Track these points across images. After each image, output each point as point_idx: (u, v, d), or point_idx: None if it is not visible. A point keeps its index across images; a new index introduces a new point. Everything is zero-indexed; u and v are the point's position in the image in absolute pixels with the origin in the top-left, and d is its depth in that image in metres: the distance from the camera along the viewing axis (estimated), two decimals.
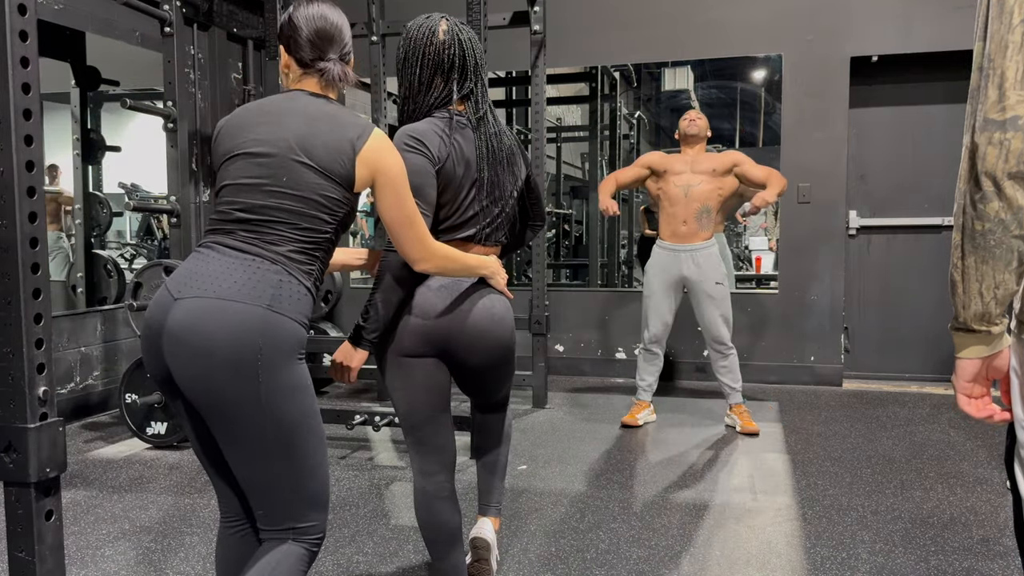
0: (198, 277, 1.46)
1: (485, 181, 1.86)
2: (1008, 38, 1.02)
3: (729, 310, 3.92)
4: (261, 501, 1.51)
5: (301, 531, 1.53)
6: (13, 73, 1.45)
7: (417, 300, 1.81)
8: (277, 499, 1.50)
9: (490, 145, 1.87)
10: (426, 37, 1.83)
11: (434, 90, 1.85)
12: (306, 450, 1.49)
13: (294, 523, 1.52)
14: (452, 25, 1.86)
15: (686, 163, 3.92)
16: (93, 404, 4.24)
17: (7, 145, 1.46)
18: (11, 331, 1.49)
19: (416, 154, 1.76)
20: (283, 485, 1.49)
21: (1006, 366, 1.13)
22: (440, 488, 1.92)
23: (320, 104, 1.59)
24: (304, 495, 1.51)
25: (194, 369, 1.41)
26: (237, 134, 1.57)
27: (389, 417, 3.46)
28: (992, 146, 1.02)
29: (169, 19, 3.67)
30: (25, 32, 1.48)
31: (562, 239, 7.09)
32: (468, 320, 1.84)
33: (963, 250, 1.07)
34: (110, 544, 2.59)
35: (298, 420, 1.47)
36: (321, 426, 1.53)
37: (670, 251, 3.94)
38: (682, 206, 3.89)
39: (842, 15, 4.83)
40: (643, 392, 4.10)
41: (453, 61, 1.84)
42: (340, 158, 1.52)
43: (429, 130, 1.80)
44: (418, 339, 1.81)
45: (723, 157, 3.92)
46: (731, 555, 2.48)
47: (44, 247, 1.53)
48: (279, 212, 1.50)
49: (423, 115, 1.85)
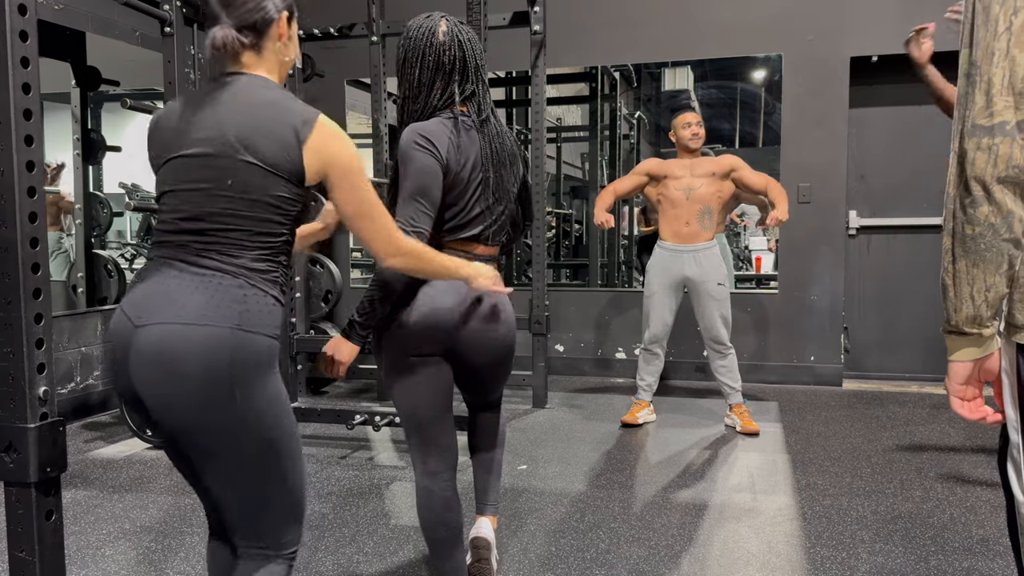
0: (157, 300, 1.36)
1: (491, 181, 1.86)
2: (994, 45, 1.04)
3: (729, 311, 3.93)
4: (239, 520, 1.47)
5: (278, 547, 1.49)
6: (13, 73, 1.46)
7: (423, 300, 1.81)
8: (256, 518, 1.46)
9: (494, 146, 1.87)
10: (426, 38, 1.82)
11: (435, 92, 1.84)
12: (284, 468, 1.44)
13: (272, 539, 1.48)
14: (452, 25, 1.85)
15: (685, 168, 3.92)
16: (93, 404, 4.24)
17: (7, 145, 1.46)
18: (11, 331, 1.49)
19: (426, 153, 1.75)
20: (261, 503, 1.45)
21: (997, 368, 1.14)
22: (445, 487, 1.92)
23: (260, 90, 1.43)
24: (282, 512, 1.47)
25: (166, 398, 1.35)
26: (174, 130, 1.44)
27: (389, 417, 3.47)
28: (980, 151, 1.04)
29: (169, 19, 3.67)
30: (25, 32, 1.48)
31: (562, 239, 7.09)
32: (475, 319, 1.84)
33: (954, 254, 1.09)
34: (110, 544, 2.59)
35: (276, 436, 1.42)
36: (298, 439, 1.48)
37: (672, 251, 3.94)
38: (684, 208, 3.90)
39: (842, 15, 4.83)
40: (643, 392, 4.10)
41: (454, 63, 1.84)
42: (285, 151, 1.38)
43: (438, 130, 1.79)
44: (426, 339, 1.81)
45: (721, 161, 3.92)
46: (731, 555, 2.49)
47: (44, 247, 1.53)
48: (230, 219, 1.39)
49: (425, 117, 1.84)
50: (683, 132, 3.91)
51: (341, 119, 5.70)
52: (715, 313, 3.89)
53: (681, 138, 3.93)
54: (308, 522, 2.76)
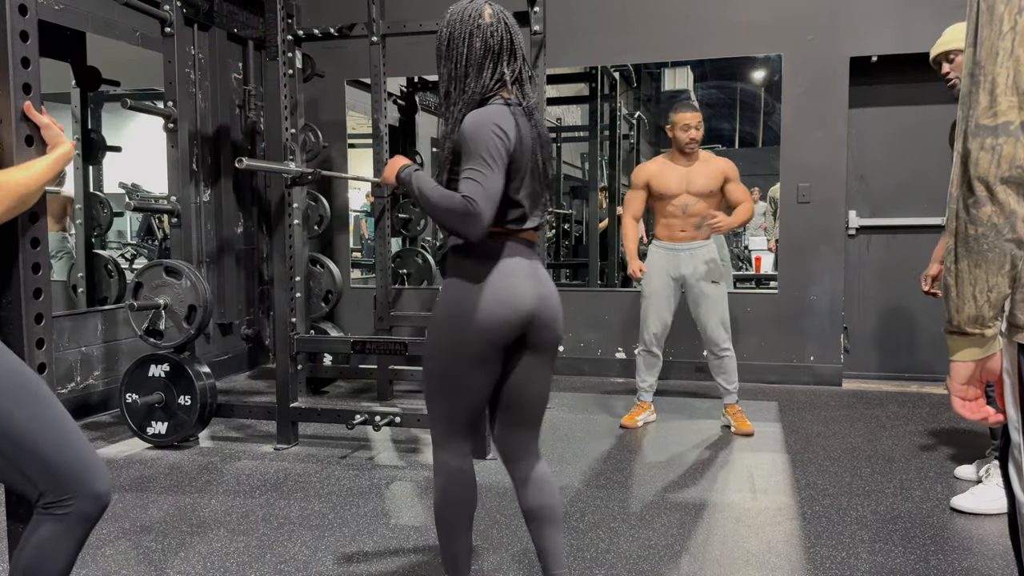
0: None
1: (540, 166, 1.87)
2: (998, 44, 1.03)
3: (726, 311, 3.90)
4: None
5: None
6: (14, 73, 1.46)
7: (502, 290, 1.79)
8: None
9: (538, 131, 1.87)
10: (472, 19, 1.81)
11: (485, 74, 1.82)
12: None
13: None
14: (497, 10, 1.86)
15: (681, 183, 3.86)
16: (93, 404, 4.24)
17: (8, 145, 1.46)
18: (12, 331, 1.50)
19: (502, 142, 1.74)
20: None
21: (999, 368, 1.14)
22: (469, 464, 1.94)
23: None
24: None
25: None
26: None
27: (389, 417, 3.47)
28: (984, 151, 1.04)
29: (169, 19, 3.67)
30: (26, 32, 1.48)
31: (562, 239, 7.09)
32: (551, 299, 1.87)
33: (956, 254, 1.08)
34: (110, 544, 2.59)
35: None
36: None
37: (669, 250, 3.93)
38: (680, 219, 3.89)
39: (842, 15, 4.83)
40: (644, 393, 4.09)
41: (502, 44, 1.83)
42: None
43: (506, 116, 1.78)
44: (510, 330, 1.81)
45: (717, 173, 3.86)
46: (731, 555, 2.49)
47: (45, 247, 1.53)
48: None
49: (474, 102, 1.81)
50: (680, 135, 3.84)
51: (341, 119, 5.70)
52: (711, 313, 3.86)
53: (677, 139, 3.86)
54: (308, 522, 2.77)
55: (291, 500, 2.99)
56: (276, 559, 2.47)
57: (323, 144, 4.82)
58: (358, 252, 6.38)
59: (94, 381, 4.25)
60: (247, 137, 5.41)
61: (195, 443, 3.75)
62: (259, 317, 5.65)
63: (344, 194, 5.77)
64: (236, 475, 3.29)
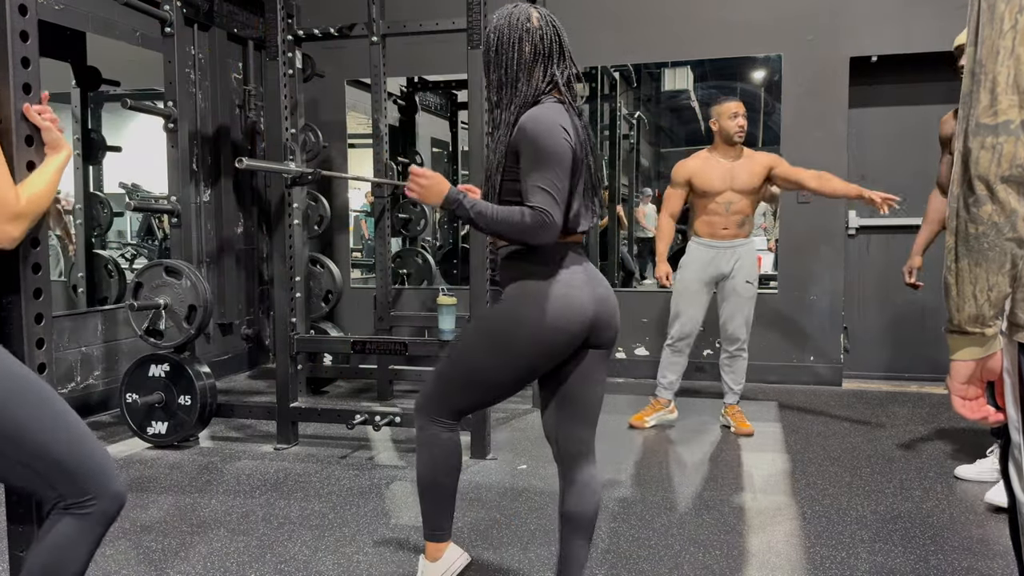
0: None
1: (592, 166, 1.88)
2: (999, 43, 1.03)
3: (752, 311, 3.89)
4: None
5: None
6: (14, 73, 1.46)
7: (565, 307, 1.80)
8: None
9: (588, 131, 1.88)
10: (521, 23, 1.83)
11: (536, 76, 1.83)
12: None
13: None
14: (544, 12, 1.88)
15: (725, 179, 3.78)
16: (93, 404, 4.24)
17: (8, 145, 1.46)
18: (12, 331, 1.50)
19: (567, 144, 1.76)
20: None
21: (999, 368, 1.14)
22: (457, 431, 2.02)
23: None
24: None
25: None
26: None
27: (389, 417, 3.47)
28: (985, 150, 1.04)
29: (169, 19, 3.67)
30: (26, 32, 1.48)
31: None
32: (608, 299, 1.89)
33: (957, 253, 1.08)
34: (110, 544, 2.59)
35: None
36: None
37: (709, 247, 3.85)
38: (722, 217, 3.82)
39: (842, 15, 4.83)
40: (663, 390, 4.00)
41: (551, 46, 1.85)
42: None
43: (565, 117, 1.79)
44: (572, 342, 1.84)
45: (761, 169, 3.80)
46: (731, 555, 2.49)
47: (45, 247, 1.53)
48: None
49: (528, 103, 1.82)
50: (729, 123, 3.75)
51: (341, 119, 5.70)
52: (738, 311, 3.85)
53: (726, 129, 3.76)
54: (308, 522, 2.77)
55: (291, 500, 2.99)
56: (276, 559, 2.47)
57: (323, 144, 4.82)
58: (358, 252, 6.37)
59: (94, 381, 4.25)
60: (247, 137, 5.41)
61: (195, 443, 3.75)
62: (259, 317, 5.65)
63: (344, 194, 5.76)
64: (236, 475, 3.29)
